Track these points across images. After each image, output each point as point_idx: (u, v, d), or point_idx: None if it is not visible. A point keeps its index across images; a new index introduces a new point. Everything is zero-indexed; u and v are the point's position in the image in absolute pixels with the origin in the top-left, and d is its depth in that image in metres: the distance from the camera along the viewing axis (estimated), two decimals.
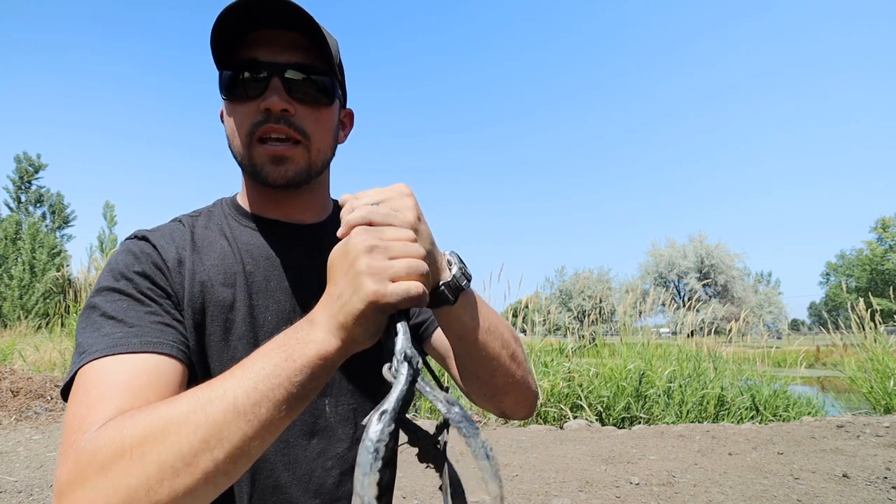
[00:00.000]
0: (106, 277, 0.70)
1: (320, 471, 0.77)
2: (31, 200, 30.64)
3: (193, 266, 0.75)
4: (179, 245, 0.76)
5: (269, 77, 0.74)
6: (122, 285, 0.68)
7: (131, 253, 0.72)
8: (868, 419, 5.07)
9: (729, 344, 7.88)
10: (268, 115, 0.75)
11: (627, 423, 5.86)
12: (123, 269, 0.70)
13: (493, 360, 0.72)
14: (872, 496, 3.05)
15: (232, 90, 0.76)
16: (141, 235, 0.76)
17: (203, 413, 0.49)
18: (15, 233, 25.27)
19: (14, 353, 7.68)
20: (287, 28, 0.75)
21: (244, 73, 0.75)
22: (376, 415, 0.42)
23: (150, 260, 0.72)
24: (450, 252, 0.68)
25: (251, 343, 0.75)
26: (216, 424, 0.48)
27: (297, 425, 0.77)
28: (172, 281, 0.72)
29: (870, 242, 41.73)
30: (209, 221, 0.83)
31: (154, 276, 0.71)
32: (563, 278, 30.83)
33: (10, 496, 3.19)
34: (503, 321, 0.76)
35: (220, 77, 0.77)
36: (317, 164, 0.80)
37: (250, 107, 0.75)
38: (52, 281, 22.32)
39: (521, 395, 0.78)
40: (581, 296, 27.19)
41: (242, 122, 0.76)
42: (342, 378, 0.82)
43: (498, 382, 0.75)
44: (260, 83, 0.75)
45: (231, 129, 0.79)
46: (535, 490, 3.39)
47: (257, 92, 0.75)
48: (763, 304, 32.73)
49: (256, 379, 0.50)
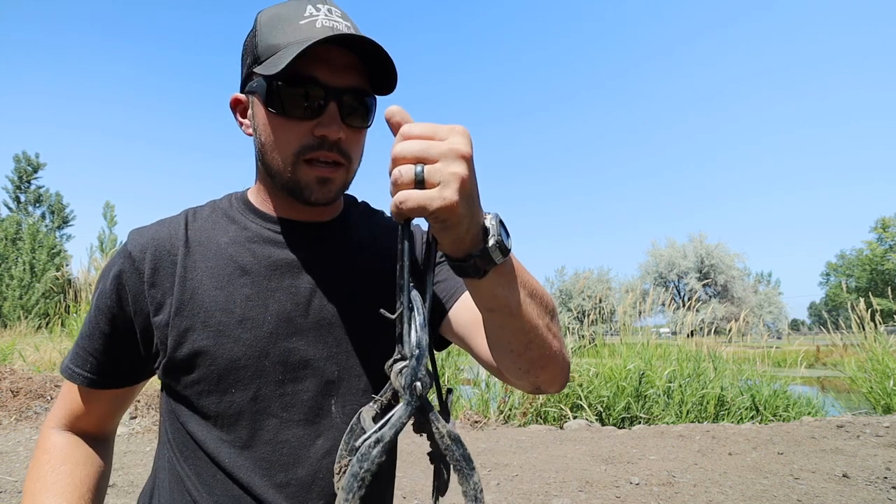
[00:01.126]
0: (96, 287, 0.82)
1: (324, 472, 0.77)
2: (30, 200, 30.62)
3: (184, 270, 0.76)
4: (168, 250, 0.78)
5: (327, 101, 0.72)
6: (94, 305, 0.80)
7: (109, 270, 0.79)
8: (868, 419, 5.07)
9: (729, 344, 7.88)
10: (322, 141, 0.73)
11: (627, 423, 5.86)
12: (97, 295, 0.80)
13: (530, 332, 0.66)
14: (872, 496, 3.05)
15: (283, 105, 0.73)
16: (129, 243, 0.79)
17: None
18: (15, 233, 25.27)
19: (14, 353, 7.68)
20: (346, 47, 0.73)
21: (300, 89, 0.72)
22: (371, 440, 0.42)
23: (116, 286, 0.77)
24: (493, 216, 0.59)
25: (248, 345, 0.75)
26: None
27: (299, 426, 0.76)
28: (145, 293, 0.77)
29: (870, 242, 41.72)
30: (213, 214, 0.83)
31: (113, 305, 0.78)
32: (563, 278, 30.81)
33: (10, 496, 3.19)
34: (541, 287, 0.69)
35: (269, 86, 0.72)
36: (350, 181, 0.81)
37: (302, 127, 0.73)
38: (52, 281, 22.31)
39: (558, 369, 0.73)
40: (581, 296, 27.18)
41: (290, 141, 0.74)
42: (351, 378, 0.81)
43: (533, 356, 0.68)
44: (317, 106, 0.72)
45: (271, 142, 0.75)
46: (535, 490, 3.39)
47: (312, 114, 0.73)
48: (763, 304, 32.75)
49: None
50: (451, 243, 0.55)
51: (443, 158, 0.50)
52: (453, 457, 0.44)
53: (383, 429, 0.43)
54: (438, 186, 0.50)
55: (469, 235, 0.55)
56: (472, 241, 0.56)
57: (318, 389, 0.78)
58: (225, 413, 0.74)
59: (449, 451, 0.45)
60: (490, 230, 0.57)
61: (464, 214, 0.52)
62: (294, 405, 0.76)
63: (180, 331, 0.74)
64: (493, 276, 0.59)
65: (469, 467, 0.44)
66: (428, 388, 0.46)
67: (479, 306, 0.65)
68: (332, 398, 0.79)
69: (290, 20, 0.73)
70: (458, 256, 0.57)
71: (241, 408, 0.74)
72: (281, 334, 0.76)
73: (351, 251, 0.86)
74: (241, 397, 0.74)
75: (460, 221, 0.52)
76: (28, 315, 16.56)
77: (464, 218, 0.52)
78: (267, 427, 0.75)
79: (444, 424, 0.46)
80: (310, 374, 0.78)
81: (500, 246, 0.57)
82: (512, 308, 0.63)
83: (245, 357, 0.75)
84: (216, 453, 0.74)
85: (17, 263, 24.32)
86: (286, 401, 0.76)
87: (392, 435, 0.43)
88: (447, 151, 0.51)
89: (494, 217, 0.59)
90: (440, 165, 0.50)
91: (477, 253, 0.56)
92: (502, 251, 0.57)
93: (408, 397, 0.45)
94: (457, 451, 0.44)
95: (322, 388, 0.78)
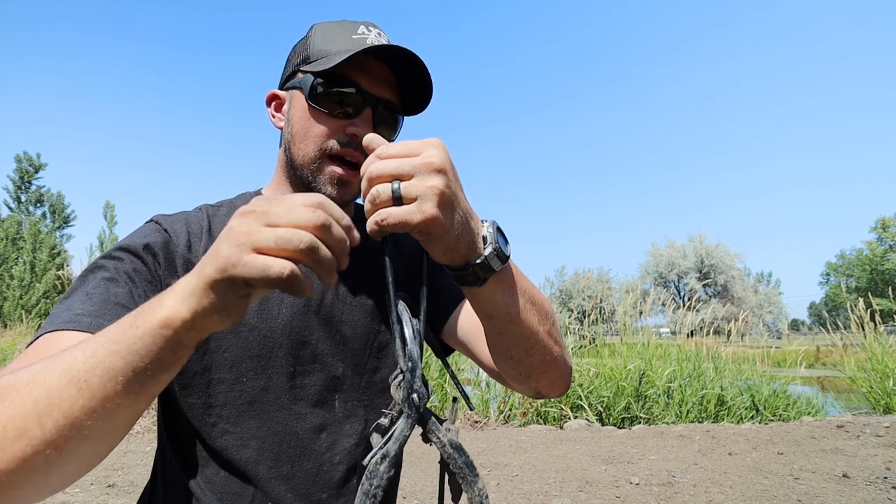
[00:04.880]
0: (107, 250, 0.72)
1: (328, 465, 0.78)
2: (31, 200, 30.65)
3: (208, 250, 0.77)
4: (194, 232, 0.78)
5: (364, 106, 0.78)
6: (107, 262, 0.69)
7: (140, 234, 0.75)
8: (868, 419, 5.07)
9: (729, 344, 7.88)
10: (352, 140, 0.78)
11: (627, 422, 5.86)
12: (117, 249, 0.71)
13: (530, 339, 0.67)
14: (872, 496, 3.05)
15: (324, 99, 0.78)
16: (158, 220, 0.78)
17: (44, 374, 0.45)
18: (16, 233, 25.28)
19: (14, 352, 7.69)
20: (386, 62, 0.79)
21: (342, 90, 0.77)
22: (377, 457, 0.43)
23: (149, 248, 0.72)
24: (490, 223, 0.60)
25: (264, 335, 0.76)
26: (48, 389, 0.44)
27: (307, 419, 0.78)
28: (174, 267, 0.74)
29: (870, 242, 41.72)
30: (231, 212, 0.85)
31: (145, 259, 0.71)
32: (563, 278, 30.84)
33: None
34: (541, 294, 0.70)
35: (316, 80, 0.78)
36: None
37: (336, 123, 0.78)
38: (52, 281, 22.33)
39: (559, 374, 0.74)
40: (581, 296, 27.19)
41: (322, 134, 0.78)
42: (353, 375, 0.83)
43: (534, 362, 0.70)
44: (355, 108, 0.78)
45: (304, 131, 0.79)
46: (535, 490, 3.39)
47: (348, 114, 0.78)
48: (763, 304, 32.76)
49: (98, 344, 0.45)
50: (443, 254, 0.56)
51: (418, 173, 0.51)
52: (456, 465, 0.45)
53: (388, 444, 0.44)
54: (417, 201, 0.51)
55: (462, 244, 0.56)
56: (468, 249, 0.57)
57: (324, 384, 0.80)
58: (234, 402, 0.74)
59: (451, 460, 0.45)
60: (488, 238, 0.58)
61: (448, 225, 0.53)
62: (302, 398, 0.78)
63: None
64: (493, 284, 0.60)
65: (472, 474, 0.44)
66: (426, 399, 0.46)
67: (479, 314, 0.65)
68: (337, 394, 0.81)
69: (343, 33, 0.79)
70: (457, 265, 0.58)
71: (252, 397, 0.75)
72: (294, 327, 0.78)
73: (364, 252, 0.87)
74: (253, 386, 0.75)
75: (446, 232, 0.53)
76: (28, 315, 16.56)
77: (449, 228, 0.53)
78: (276, 418, 0.76)
79: (445, 434, 0.46)
80: (318, 369, 0.79)
81: (498, 253, 0.57)
82: (512, 315, 0.63)
83: (259, 346, 0.76)
84: (220, 446, 0.74)
85: (17, 263, 24.32)
86: (296, 393, 0.77)
87: (397, 449, 0.44)
88: (421, 166, 0.52)
89: (492, 224, 0.59)
90: (416, 181, 0.51)
91: (475, 261, 0.57)
92: (501, 258, 0.58)
93: (407, 410, 0.46)
94: (459, 459, 0.45)
95: (328, 383, 0.80)
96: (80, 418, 0.44)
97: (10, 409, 0.44)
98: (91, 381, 0.44)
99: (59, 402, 0.43)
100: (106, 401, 0.44)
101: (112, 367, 0.44)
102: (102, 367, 0.44)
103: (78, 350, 0.46)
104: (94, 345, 0.45)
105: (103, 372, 0.44)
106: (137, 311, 0.47)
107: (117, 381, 0.44)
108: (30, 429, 0.43)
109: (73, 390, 0.43)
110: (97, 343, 0.45)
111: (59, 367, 0.45)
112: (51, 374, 0.44)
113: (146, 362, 0.44)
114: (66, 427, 0.44)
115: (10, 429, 0.43)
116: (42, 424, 0.43)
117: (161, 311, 0.44)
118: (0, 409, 0.44)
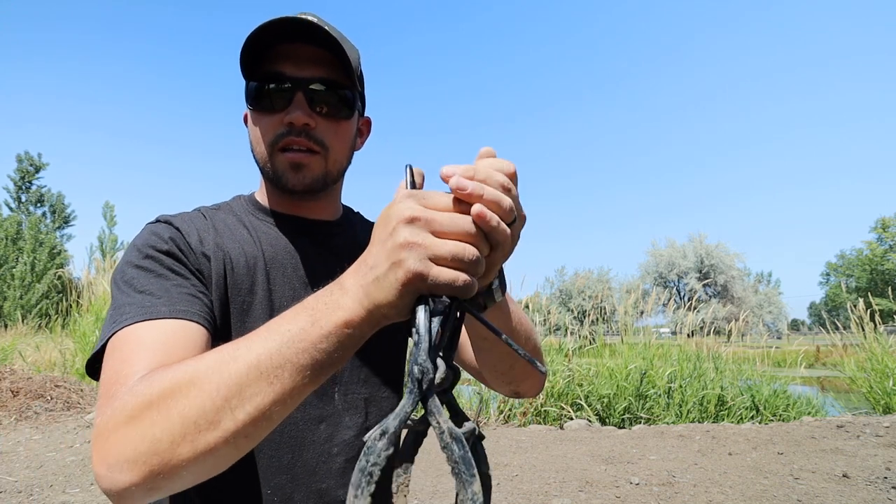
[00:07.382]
0: (132, 255, 0.72)
1: (326, 456, 0.80)
2: (31, 200, 30.67)
3: (217, 247, 0.78)
4: (201, 229, 0.80)
5: (294, 91, 0.79)
6: (147, 263, 0.70)
7: (155, 234, 0.75)
8: (868, 419, 5.07)
9: (729, 344, 7.87)
10: (290, 128, 0.79)
11: (628, 422, 5.86)
12: (148, 249, 0.72)
13: (515, 356, 0.72)
14: (872, 496, 3.05)
15: (258, 101, 0.81)
16: (164, 220, 0.79)
17: (227, 370, 0.49)
18: (16, 233, 25.28)
19: (14, 352, 7.69)
20: (311, 43, 0.79)
21: (270, 85, 0.79)
22: (376, 433, 0.40)
23: (173, 241, 0.74)
24: None
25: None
26: (238, 383, 0.48)
27: (306, 409, 0.79)
28: (197, 261, 0.75)
29: (870, 242, 41.69)
30: (229, 213, 0.87)
31: (178, 255, 0.73)
32: (563, 278, 30.82)
33: (10, 496, 3.19)
34: (525, 317, 0.75)
35: (247, 87, 0.81)
36: (333, 172, 0.85)
37: (274, 119, 0.80)
38: (52, 280, 22.34)
39: (537, 380, 0.81)
40: (581, 296, 27.19)
41: (266, 132, 0.81)
42: (353, 367, 0.84)
43: (516, 373, 0.77)
44: (285, 96, 0.79)
45: (255, 137, 0.83)
46: (535, 490, 3.39)
47: (282, 105, 0.79)
48: (763, 304, 32.74)
49: (281, 342, 0.49)
50: None
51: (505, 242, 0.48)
52: (452, 458, 0.39)
53: (388, 420, 0.41)
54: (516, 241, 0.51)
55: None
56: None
57: None
58: None
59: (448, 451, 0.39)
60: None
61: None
62: None
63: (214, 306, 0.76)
64: (490, 311, 0.63)
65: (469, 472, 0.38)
66: (430, 375, 0.41)
67: (472, 335, 0.71)
68: (336, 385, 0.83)
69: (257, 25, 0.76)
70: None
71: None
72: None
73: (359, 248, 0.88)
74: None
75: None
76: (29, 315, 16.57)
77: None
78: None
79: (446, 420, 0.41)
80: None
81: (501, 285, 0.60)
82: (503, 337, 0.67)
83: None
84: None
85: (18, 263, 24.32)
86: None
87: (397, 426, 0.40)
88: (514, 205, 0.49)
89: None
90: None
91: (482, 292, 0.59)
92: (502, 290, 0.61)
93: (409, 385, 0.43)
94: (456, 452, 0.39)
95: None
96: (270, 409, 0.48)
97: (198, 400, 0.48)
98: (282, 375, 0.48)
99: (250, 395, 0.48)
100: (294, 392, 0.49)
101: (300, 363, 0.48)
102: (291, 364, 0.48)
103: (257, 346, 0.49)
104: (275, 342, 0.49)
105: (292, 368, 0.48)
106: (310, 309, 0.50)
107: (305, 374, 0.48)
108: (223, 420, 0.48)
109: (263, 384, 0.48)
110: (278, 341, 0.49)
111: (244, 364, 0.49)
112: (236, 369, 0.49)
113: (332, 357, 0.49)
114: (258, 418, 0.48)
115: (203, 422, 0.48)
116: (234, 417, 0.48)
117: (342, 312, 0.48)
118: (186, 404, 0.48)
